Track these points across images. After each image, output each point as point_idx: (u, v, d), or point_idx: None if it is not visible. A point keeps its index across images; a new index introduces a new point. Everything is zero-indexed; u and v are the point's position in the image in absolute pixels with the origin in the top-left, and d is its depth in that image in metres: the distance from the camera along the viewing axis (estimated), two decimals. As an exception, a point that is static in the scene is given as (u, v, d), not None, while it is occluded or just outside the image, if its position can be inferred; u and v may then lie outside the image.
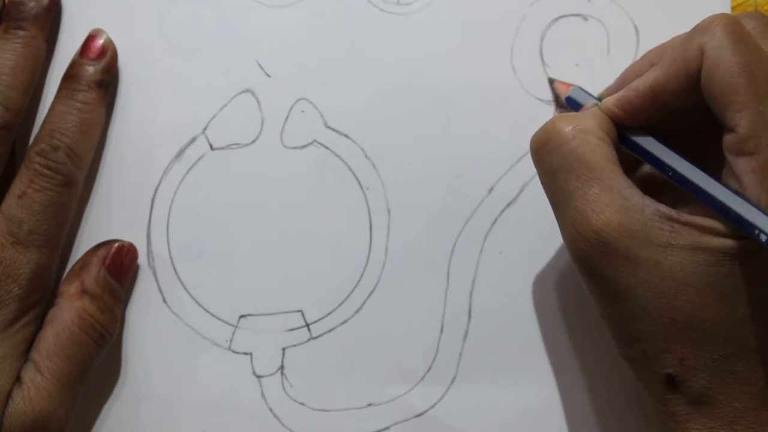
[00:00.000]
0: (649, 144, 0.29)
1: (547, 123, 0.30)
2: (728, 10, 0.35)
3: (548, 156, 0.29)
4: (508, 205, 0.35)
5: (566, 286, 0.35)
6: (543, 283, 0.35)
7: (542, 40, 0.35)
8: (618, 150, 0.29)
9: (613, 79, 0.35)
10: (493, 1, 0.36)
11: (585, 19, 0.35)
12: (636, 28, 0.35)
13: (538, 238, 0.35)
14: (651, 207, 0.27)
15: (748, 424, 0.27)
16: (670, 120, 0.30)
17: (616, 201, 0.27)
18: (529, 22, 0.35)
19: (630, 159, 0.30)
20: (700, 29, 0.28)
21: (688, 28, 0.31)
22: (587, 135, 0.28)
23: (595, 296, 0.29)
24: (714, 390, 0.27)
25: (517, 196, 0.35)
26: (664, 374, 0.27)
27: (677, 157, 0.28)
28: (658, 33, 0.35)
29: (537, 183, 0.35)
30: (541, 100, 0.35)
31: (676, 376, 0.27)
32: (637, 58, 0.35)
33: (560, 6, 0.35)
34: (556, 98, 0.35)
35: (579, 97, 0.33)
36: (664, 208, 0.27)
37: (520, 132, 0.35)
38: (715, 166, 0.28)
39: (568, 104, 0.33)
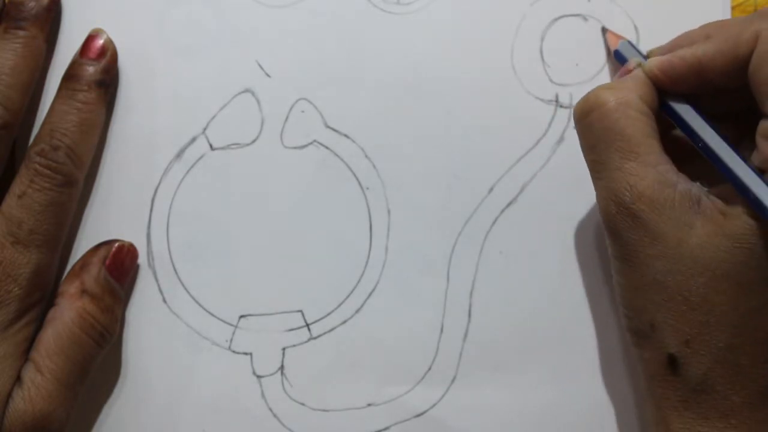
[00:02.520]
0: (686, 112, 0.30)
1: (590, 94, 0.30)
2: (728, 10, 0.35)
3: (589, 128, 0.30)
4: (508, 205, 0.35)
5: (566, 286, 0.35)
6: (543, 283, 0.35)
7: (542, 40, 0.35)
8: (658, 115, 0.30)
9: (612, 80, 0.35)
10: (493, 1, 0.36)
11: (585, 19, 0.35)
12: (636, 28, 0.35)
13: (538, 238, 0.35)
14: (683, 185, 0.28)
15: (743, 419, 0.27)
16: (712, 97, 0.30)
17: (650, 175, 0.28)
18: (529, 22, 0.35)
19: (666, 122, 0.31)
20: (761, 15, 0.28)
21: (688, 28, 0.31)
22: (628, 108, 0.29)
23: (617, 261, 0.29)
24: (714, 380, 0.27)
25: (517, 196, 0.35)
26: (668, 354, 0.28)
27: (710, 130, 0.29)
28: (658, 33, 0.35)
29: (537, 183, 0.35)
30: (541, 100, 0.35)
31: (678, 358, 0.27)
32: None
33: (560, 6, 0.35)
34: (607, 49, 0.35)
35: (626, 52, 0.33)
36: (695, 189, 0.28)
37: (520, 132, 0.35)
38: (748, 153, 0.28)
39: (615, 57, 0.34)
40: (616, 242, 0.29)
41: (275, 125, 0.35)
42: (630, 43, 0.33)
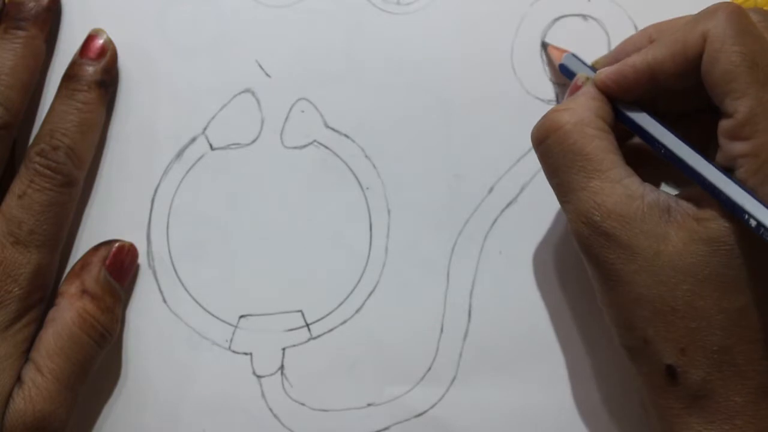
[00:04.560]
0: (643, 120, 0.29)
1: (544, 118, 0.30)
2: (728, 10, 0.35)
3: (549, 151, 0.29)
4: (508, 205, 0.35)
5: (566, 286, 0.35)
6: (543, 283, 0.35)
7: (542, 40, 0.35)
8: (615, 127, 0.30)
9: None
10: (493, 1, 0.36)
11: (585, 19, 0.35)
12: (636, 28, 0.35)
13: (538, 238, 0.35)
14: (651, 195, 0.28)
15: (748, 419, 0.27)
16: (667, 99, 0.30)
17: (616, 191, 0.28)
18: (529, 22, 0.35)
19: (622, 130, 0.30)
20: (705, 15, 0.28)
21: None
22: (585, 127, 0.29)
23: (598, 283, 0.29)
24: (714, 383, 0.27)
25: (517, 196, 0.35)
26: (665, 365, 0.28)
27: (671, 135, 0.29)
28: (658, 33, 0.35)
29: (537, 183, 0.35)
30: (541, 100, 0.35)
31: (676, 368, 0.27)
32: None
33: (560, 6, 0.35)
34: (550, 63, 0.35)
35: (572, 65, 0.33)
36: (663, 197, 0.28)
37: (520, 132, 0.35)
38: (711, 149, 0.28)
39: (561, 71, 0.33)
40: (594, 264, 0.29)
41: (275, 125, 0.35)
42: (574, 55, 0.33)
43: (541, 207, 0.35)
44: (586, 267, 0.30)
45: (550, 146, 0.29)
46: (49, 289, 0.33)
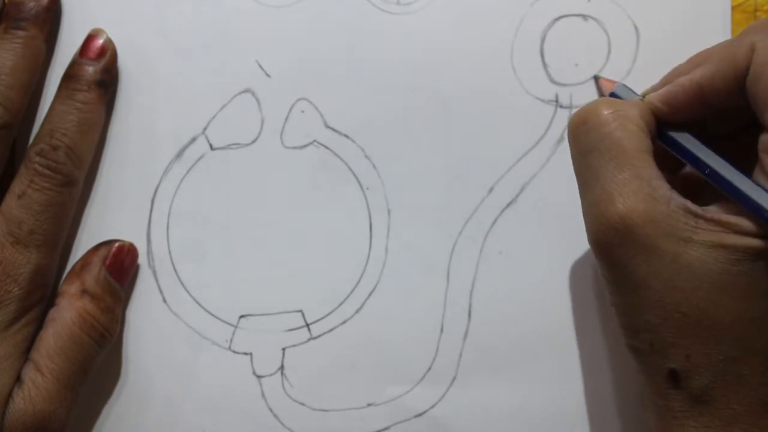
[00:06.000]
0: (688, 141, 0.29)
1: (589, 104, 0.30)
2: (728, 10, 0.35)
3: (584, 136, 0.29)
4: (508, 205, 0.35)
5: (566, 286, 0.35)
6: (543, 283, 0.35)
7: (542, 40, 0.35)
8: (657, 148, 0.29)
9: (612, 79, 0.35)
10: (493, 1, 0.35)
11: (585, 19, 0.35)
12: (636, 28, 0.35)
13: (538, 238, 0.35)
14: (677, 200, 0.27)
15: (746, 428, 0.27)
16: (710, 122, 0.30)
17: (643, 189, 0.27)
18: (529, 22, 0.35)
19: (672, 160, 0.30)
20: (754, 28, 0.28)
21: (688, 28, 0.31)
22: (626, 121, 0.28)
23: (609, 282, 0.29)
24: (716, 390, 0.27)
25: (517, 196, 0.35)
26: (668, 369, 0.27)
27: (714, 155, 0.28)
28: (658, 33, 0.35)
29: (537, 183, 0.35)
30: (541, 100, 0.35)
31: (680, 372, 0.27)
32: (637, 58, 0.35)
33: (560, 6, 0.35)
34: (601, 95, 0.35)
35: (623, 94, 0.32)
36: (690, 204, 0.27)
37: (520, 132, 0.35)
38: (749, 169, 0.28)
39: None
40: (608, 264, 0.28)
41: (275, 125, 0.35)
42: (625, 85, 0.33)
43: (541, 207, 0.35)
44: (598, 266, 0.29)
45: (588, 130, 0.29)
46: (49, 289, 0.33)
